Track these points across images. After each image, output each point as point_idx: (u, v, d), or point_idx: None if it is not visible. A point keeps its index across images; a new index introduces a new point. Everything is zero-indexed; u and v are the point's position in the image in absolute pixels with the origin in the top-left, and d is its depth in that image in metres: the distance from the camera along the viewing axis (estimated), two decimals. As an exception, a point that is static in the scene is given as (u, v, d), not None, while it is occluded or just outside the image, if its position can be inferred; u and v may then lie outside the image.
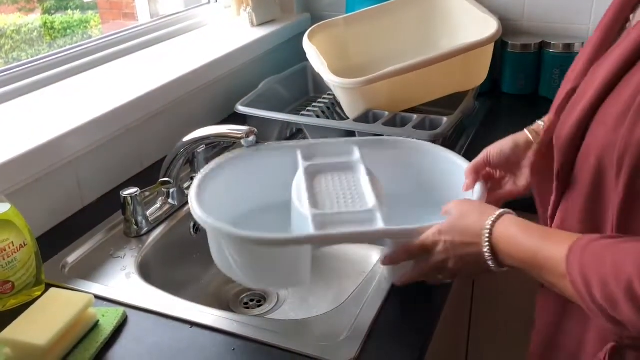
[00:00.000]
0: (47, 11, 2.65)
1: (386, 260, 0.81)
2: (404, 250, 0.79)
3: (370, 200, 0.85)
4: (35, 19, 2.50)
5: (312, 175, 0.93)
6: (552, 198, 0.77)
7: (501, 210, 0.73)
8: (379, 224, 0.80)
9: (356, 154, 0.98)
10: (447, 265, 0.76)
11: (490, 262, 0.71)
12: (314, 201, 0.86)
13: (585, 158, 0.69)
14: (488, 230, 0.71)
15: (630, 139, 0.61)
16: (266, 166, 1.00)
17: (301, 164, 0.95)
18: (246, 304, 1.08)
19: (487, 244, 0.71)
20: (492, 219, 0.71)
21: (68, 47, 1.32)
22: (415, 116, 1.24)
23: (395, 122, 1.25)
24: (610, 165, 0.65)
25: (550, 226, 0.77)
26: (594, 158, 0.67)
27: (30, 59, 1.23)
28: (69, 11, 2.74)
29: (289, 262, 0.81)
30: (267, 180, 0.98)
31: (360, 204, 0.86)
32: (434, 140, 1.15)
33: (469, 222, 0.74)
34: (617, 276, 0.58)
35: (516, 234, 0.70)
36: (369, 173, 0.93)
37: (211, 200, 0.88)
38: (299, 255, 0.79)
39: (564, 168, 0.73)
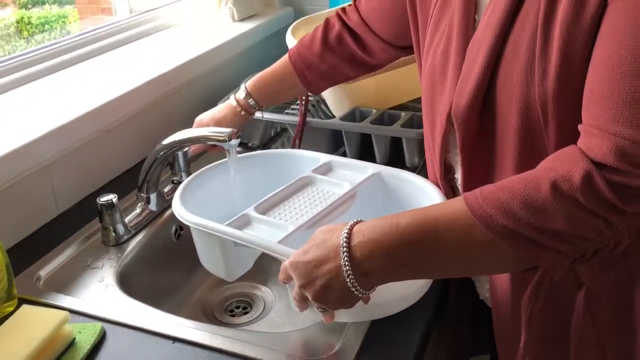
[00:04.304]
0: (24, 6, 2.59)
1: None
2: (281, 270, 0.72)
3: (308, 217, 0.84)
4: (10, 14, 2.43)
5: (303, 185, 0.93)
6: (460, 173, 0.76)
7: (352, 221, 0.67)
8: (272, 238, 0.78)
9: (360, 177, 0.93)
10: (309, 291, 0.68)
11: (350, 277, 0.64)
12: (267, 205, 0.88)
13: (504, 120, 0.68)
14: (346, 234, 0.65)
15: (545, 88, 0.63)
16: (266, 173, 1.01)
17: (306, 173, 0.95)
18: (232, 311, 1.04)
19: (345, 249, 0.64)
20: (347, 228, 0.65)
21: (42, 45, 1.27)
22: (403, 113, 1.21)
23: (383, 120, 1.22)
24: (535, 117, 0.65)
25: None
26: (516, 117, 0.66)
27: (1, 59, 1.18)
28: (47, 6, 2.68)
29: (217, 252, 0.85)
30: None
31: (299, 219, 0.84)
32: (422, 138, 1.12)
33: (318, 240, 0.67)
34: (536, 187, 0.59)
35: (382, 223, 0.64)
36: (351, 196, 0.89)
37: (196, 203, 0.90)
38: (223, 247, 0.84)
39: (467, 140, 0.72)
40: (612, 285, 0.73)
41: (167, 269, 1.06)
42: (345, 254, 0.64)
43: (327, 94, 1.29)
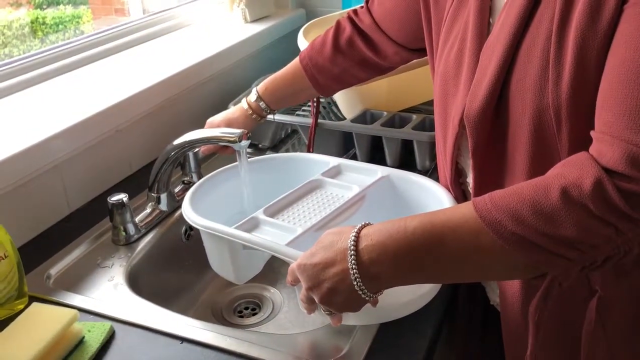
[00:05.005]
0: (38, 6, 2.61)
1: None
2: (289, 273, 0.72)
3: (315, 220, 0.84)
4: (25, 14, 2.45)
5: (312, 188, 0.93)
6: (472, 177, 0.75)
7: (360, 224, 0.66)
8: (280, 241, 0.78)
9: (369, 180, 0.92)
10: (315, 294, 0.67)
11: (357, 280, 0.63)
12: (275, 208, 0.88)
13: (517, 125, 0.68)
14: (354, 237, 0.64)
15: (559, 94, 0.62)
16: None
17: (315, 176, 0.95)
18: (240, 312, 1.04)
19: (352, 252, 0.63)
20: (355, 231, 0.65)
21: (55, 45, 1.27)
22: (414, 116, 1.20)
23: (394, 122, 1.21)
24: (548, 123, 0.65)
25: None
26: (529, 122, 0.66)
27: (15, 57, 1.19)
28: (61, 6, 2.70)
29: (225, 254, 0.85)
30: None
31: (308, 222, 0.84)
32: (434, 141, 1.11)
33: (326, 243, 0.67)
34: (546, 193, 0.58)
35: (390, 226, 0.63)
36: (359, 199, 0.89)
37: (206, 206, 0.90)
38: (232, 249, 0.84)
39: (479, 143, 0.72)
40: (625, 294, 0.72)
41: (177, 269, 1.06)
42: (352, 257, 0.63)
43: (338, 96, 1.28)
